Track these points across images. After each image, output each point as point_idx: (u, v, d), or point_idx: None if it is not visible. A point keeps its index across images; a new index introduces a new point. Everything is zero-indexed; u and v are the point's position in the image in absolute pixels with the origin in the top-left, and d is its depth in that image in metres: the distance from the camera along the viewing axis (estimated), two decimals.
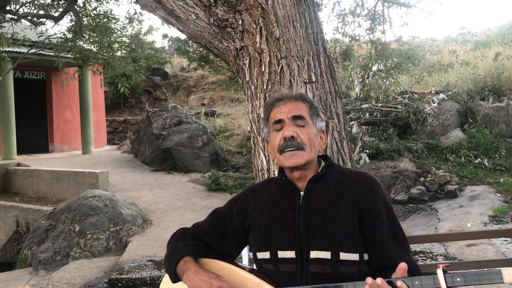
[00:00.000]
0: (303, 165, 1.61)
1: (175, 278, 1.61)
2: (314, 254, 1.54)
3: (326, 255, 1.52)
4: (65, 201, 8.02)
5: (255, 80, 2.54)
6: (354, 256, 1.53)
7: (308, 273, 1.53)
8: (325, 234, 1.54)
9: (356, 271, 1.53)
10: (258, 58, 2.50)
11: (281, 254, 1.58)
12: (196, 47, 16.24)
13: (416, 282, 1.33)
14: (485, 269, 1.31)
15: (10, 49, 9.27)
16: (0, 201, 9.40)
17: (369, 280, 1.33)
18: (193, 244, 1.68)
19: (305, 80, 2.47)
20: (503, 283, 1.25)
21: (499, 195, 8.43)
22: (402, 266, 1.35)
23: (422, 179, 9.37)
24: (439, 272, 1.30)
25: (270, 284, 1.54)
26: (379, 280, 1.32)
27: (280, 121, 1.64)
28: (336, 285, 1.42)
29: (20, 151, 12.45)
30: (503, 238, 6.21)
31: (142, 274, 5.86)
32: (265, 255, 1.62)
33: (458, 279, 1.29)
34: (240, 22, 2.50)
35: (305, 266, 1.54)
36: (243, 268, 1.64)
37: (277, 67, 2.47)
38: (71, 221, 7.13)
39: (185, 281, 1.56)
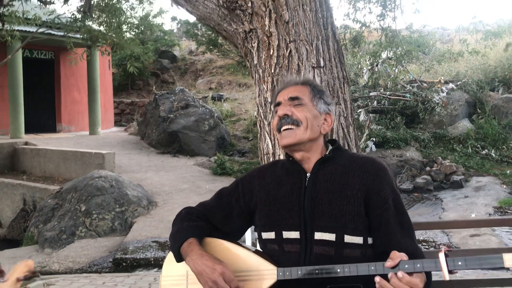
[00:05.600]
0: (296, 144, 1.63)
1: (180, 258, 1.63)
2: (318, 235, 1.54)
3: (331, 237, 1.53)
4: (72, 180, 8.09)
5: (263, 64, 2.53)
6: (358, 239, 1.53)
7: (312, 254, 1.54)
8: (330, 216, 1.55)
9: (360, 254, 1.53)
10: (267, 41, 2.49)
11: (286, 234, 1.59)
12: (205, 30, 16.15)
13: (418, 265, 1.34)
14: (487, 254, 1.31)
15: (20, 27, 9.26)
16: (8, 179, 9.50)
17: (377, 278, 1.35)
18: (198, 225, 1.69)
19: (313, 65, 2.45)
20: (503, 267, 1.26)
21: (505, 186, 8.41)
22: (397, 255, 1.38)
23: (428, 168, 9.34)
24: (441, 255, 1.31)
25: (273, 264, 1.55)
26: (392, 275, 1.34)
27: (278, 104, 1.70)
28: (329, 267, 1.43)
29: (27, 130, 12.52)
30: (507, 229, 6.21)
31: (146, 255, 5.93)
32: (270, 235, 1.63)
33: (460, 263, 1.30)
34: (249, 4, 2.48)
35: (309, 247, 1.55)
36: (247, 248, 1.66)
37: (285, 50, 2.45)
38: (77, 200, 7.20)
39: (188, 263, 1.57)
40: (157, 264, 5.74)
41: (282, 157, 1.76)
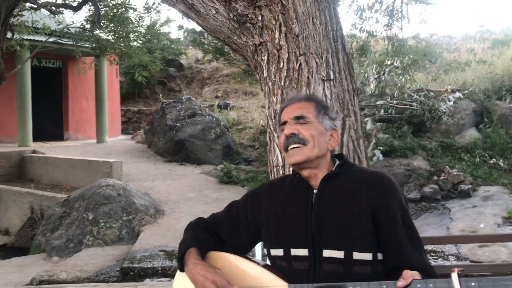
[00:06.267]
0: (304, 161, 1.63)
1: (182, 267, 1.64)
2: (326, 253, 1.53)
3: (339, 254, 1.52)
4: (79, 189, 8.11)
5: (273, 76, 2.54)
6: (368, 256, 1.52)
7: (321, 271, 1.53)
8: (338, 233, 1.54)
9: (370, 271, 1.52)
10: (277, 54, 2.50)
11: (294, 252, 1.59)
12: (211, 39, 16.23)
13: (431, 285, 1.32)
14: (501, 276, 1.30)
15: (29, 37, 9.36)
16: (16, 187, 9.54)
17: None
18: (203, 237, 1.70)
19: (323, 78, 2.46)
20: None
21: None
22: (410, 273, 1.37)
23: (435, 177, 9.30)
24: (454, 276, 1.30)
25: (284, 280, 1.54)
26: None
27: (284, 123, 1.70)
28: (340, 285, 1.43)
29: (35, 139, 12.58)
30: None
31: (153, 264, 5.92)
32: (279, 252, 1.63)
33: (473, 284, 1.28)
34: (259, 18, 2.50)
35: (318, 264, 1.54)
36: (257, 263, 1.65)
37: (295, 63, 2.47)
38: (84, 209, 7.22)
39: (186, 273, 1.59)
40: (165, 273, 5.74)
41: (291, 169, 1.78)
